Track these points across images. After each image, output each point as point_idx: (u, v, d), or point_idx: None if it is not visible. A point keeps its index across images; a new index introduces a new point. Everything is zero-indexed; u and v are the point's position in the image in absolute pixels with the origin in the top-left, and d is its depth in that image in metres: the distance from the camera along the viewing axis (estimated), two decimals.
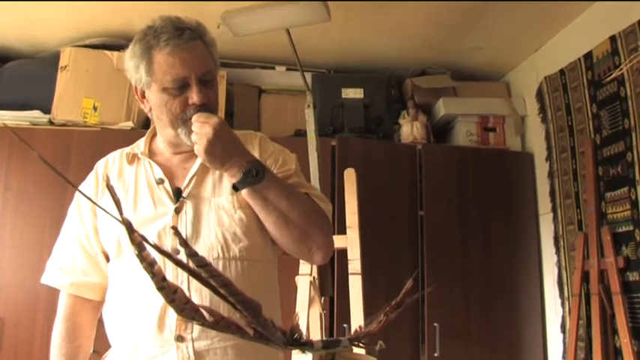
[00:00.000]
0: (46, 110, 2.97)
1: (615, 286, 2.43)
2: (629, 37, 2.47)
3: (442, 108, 3.32)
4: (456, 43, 3.19)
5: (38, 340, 2.70)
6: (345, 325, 2.70)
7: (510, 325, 3.05)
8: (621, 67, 2.03)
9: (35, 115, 2.93)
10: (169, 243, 1.36)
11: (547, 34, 3.06)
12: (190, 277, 1.24)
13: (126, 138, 1.66)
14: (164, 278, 0.74)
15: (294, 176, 1.47)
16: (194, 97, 1.34)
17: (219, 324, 0.74)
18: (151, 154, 1.49)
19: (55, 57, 3.09)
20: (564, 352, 2.80)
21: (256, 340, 0.77)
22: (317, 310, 2.16)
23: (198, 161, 1.43)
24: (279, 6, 2.11)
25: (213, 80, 1.40)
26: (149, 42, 1.36)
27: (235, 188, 1.34)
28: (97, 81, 2.96)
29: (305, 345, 0.79)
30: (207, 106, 1.36)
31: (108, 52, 3.00)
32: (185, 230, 1.37)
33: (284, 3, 2.09)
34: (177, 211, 1.38)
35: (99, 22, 2.96)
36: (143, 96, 1.43)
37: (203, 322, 0.75)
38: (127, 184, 1.45)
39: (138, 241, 0.69)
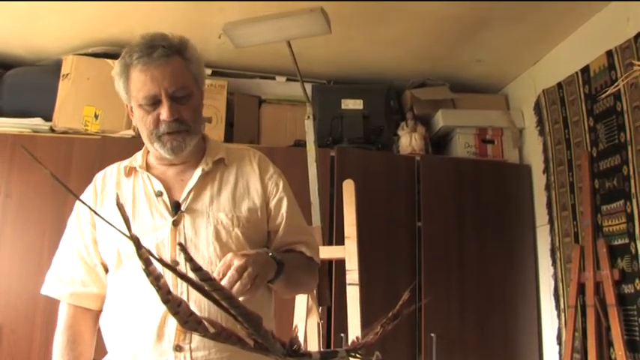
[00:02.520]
0: (48, 118, 2.99)
1: (611, 298, 2.45)
2: (626, 52, 2.50)
3: (441, 120, 3.35)
4: (455, 56, 3.22)
5: (36, 347, 2.70)
6: (342, 335, 2.71)
7: (507, 336, 3.07)
8: (617, 83, 2.06)
9: (37, 122, 2.94)
10: (168, 254, 1.39)
11: (545, 48, 3.09)
12: (190, 288, 1.29)
13: (126, 146, 1.69)
14: (169, 291, 0.76)
15: (290, 206, 1.53)
16: (163, 113, 1.39)
17: (220, 335, 0.76)
18: (148, 167, 1.52)
19: (56, 65, 3.11)
20: None
21: (256, 351, 0.79)
22: (315, 319, 2.17)
23: (196, 175, 1.48)
24: (280, 18, 2.13)
25: (188, 96, 1.43)
26: (126, 61, 1.42)
27: (271, 281, 1.38)
28: (99, 89, 2.98)
29: (303, 356, 0.81)
30: (179, 122, 1.41)
31: (109, 61, 3.02)
32: (183, 243, 1.40)
33: (285, 15, 2.12)
34: (176, 224, 1.41)
35: (101, 31, 2.98)
36: (132, 110, 1.49)
37: (205, 334, 0.77)
38: (125, 196, 1.48)
39: (145, 257, 0.71)
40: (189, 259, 0.75)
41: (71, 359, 1.45)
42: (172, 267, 0.79)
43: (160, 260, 0.76)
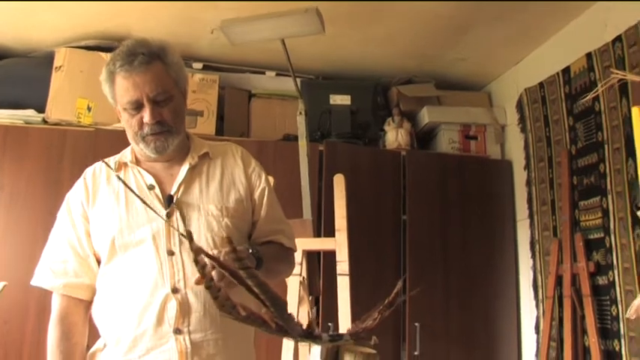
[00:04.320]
0: (39, 109, 3.01)
1: (586, 289, 2.57)
2: (604, 55, 2.61)
3: (426, 116, 3.44)
4: (441, 54, 3.31)
5: (29, 337, 2.74)
6: (329, 324, 2.80)
7: (487, 325, 3.19)
8: (597, 88, 2.16)
9: (29, 114, 2.97)
10: (163, 244, 1.49)
11: (527, 49, 3.20)
12: (187, 276, 1.43)
13: (119, 138, 1.72)
14: (212, 279, 0.84)
15: (270, 196, 1.65)
16: (146, 116, 1.49)
17: (249, 318, 0.84)
18: (137, 162, 1.60)
19: (49, 56, 3.14)
20: (537, 351, 2.94)
21: (276, 333, 0.88)
22: (305, 308, 2.26)
23: (184, 169, 1.57)
24: (276, 17, 2.20)
25: (169, 99, 1.52)
26: (110, 68, 1.51)
27: None
28: (92, 82, 2.99)
29: (316, 337, 0.90)
30: (161, 123, 1.51)
31: (103, 54, 3.06)
32: (178, 234, 1.49)
33: (281, 15, 2.19)
34: (169, 215, 1.50)
35: (95, 25, 3.01)
36: (119, 112, 1.57)
37: (237, 317, 0.85)
38: (117, 189, 1.56)
39: (196, 248, 0.79)
40: (232, 250, 0.83)
41: (68, 350, 1.51)
42: (217, 259, 0.87)
43: (208, 255, 0.84)
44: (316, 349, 0.90)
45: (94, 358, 1.52)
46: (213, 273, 0.98)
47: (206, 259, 0.88)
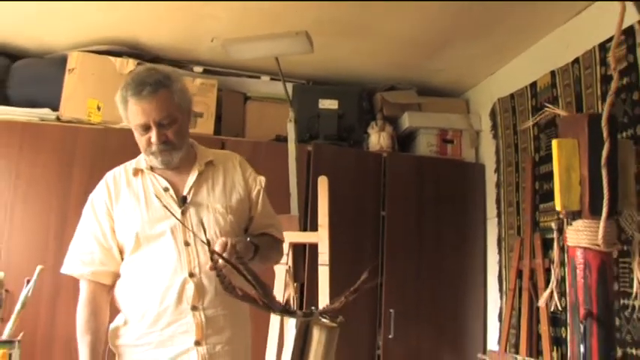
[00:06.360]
0: (52, 107, 3.28)
1: (541, 282, 2.89)
2: (565, 74, 2.92)
3: (407, 121, 3.74)
4: (422, 65, 3.60)
5: (43, 315, 3.00)
6: (312, 308, 3.10)
7: (456, 313, 3.51)
8: (535, 117, 2.44)
9: (45, 112, 3.25)
10: (180, 236, 1.80)
11: (500, 62, 3.49)
12: (201, 265, 1.76)
13: (126, 136, 1.98)
14: (221, 269, 1.16)
15: (263, 196, 1.98)
16: (153, 137, 1.80)
17: (244, 297, 1.15)
18: (151, 168, 1.91)
19: (61, 58, 3.39)
20: (499, 337, 3.26)
21: (262, 308, 1.19)
22: (291, 293, 2.58)
23: (193, 175, 1.90)
24: (271, 38, 2.49)
25: (173, 122, 1.82)
26: (123, 94, 1.81)
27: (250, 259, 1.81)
28: (101, 84, 3.29)
29: (292, 313, 1.22)
30: (165, 143, 1.82)
31: (112, 58, 3.33)
32: (191, 227, 1.80)
33: (275, 36, 2.48)
34: (183, 213, 1.82)
35: (105, 31, 3.27)
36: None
37: (236, 296, 1.16)
38: (137, 191, 1.88)
39: (211, 249, 1.09)
40: (241, 260, 1.14)
41: (95, 327, 1.80)
42: (233, 263, 1.20)
43: (219, 254, 1.15)
44: (292, 322, 1.21)
45: (117, 332, 1.83)
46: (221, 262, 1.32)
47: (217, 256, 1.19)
